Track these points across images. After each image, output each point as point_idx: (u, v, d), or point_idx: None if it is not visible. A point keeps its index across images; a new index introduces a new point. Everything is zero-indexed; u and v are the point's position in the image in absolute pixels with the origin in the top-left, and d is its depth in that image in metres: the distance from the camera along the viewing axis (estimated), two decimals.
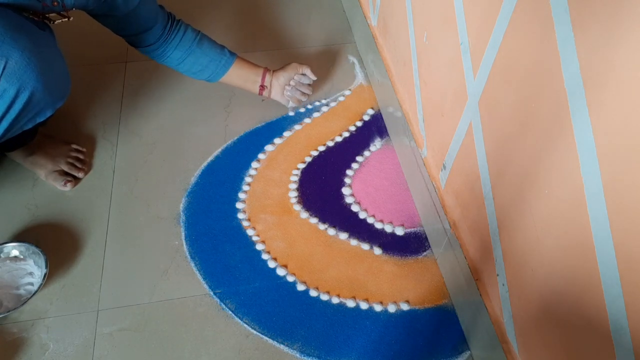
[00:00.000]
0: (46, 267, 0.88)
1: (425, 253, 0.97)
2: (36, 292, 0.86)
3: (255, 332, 0.86)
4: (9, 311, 0.84)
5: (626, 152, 0.46)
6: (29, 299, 0.85)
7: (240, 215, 1.00)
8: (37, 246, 0.90)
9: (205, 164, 1.08)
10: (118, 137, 1.12)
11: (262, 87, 1.11)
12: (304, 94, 1.14)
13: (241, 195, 1.03)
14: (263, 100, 1.17)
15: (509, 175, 0.67)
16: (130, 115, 1.16)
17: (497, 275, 0.74)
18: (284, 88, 1.13)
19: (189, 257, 0.94)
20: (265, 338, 0.85)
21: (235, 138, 1.13)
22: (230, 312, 0.88)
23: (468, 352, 0.85)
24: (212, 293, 0.90)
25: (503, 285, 0.73)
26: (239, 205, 1.02)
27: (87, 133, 1.12)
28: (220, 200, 1.02)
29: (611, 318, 0.51)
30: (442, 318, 0.88)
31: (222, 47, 1.06)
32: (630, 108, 0.44)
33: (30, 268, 0.89)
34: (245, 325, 0.86)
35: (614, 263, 0.49)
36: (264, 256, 0.95)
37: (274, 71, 1.11)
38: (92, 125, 1.14)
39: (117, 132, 1.13)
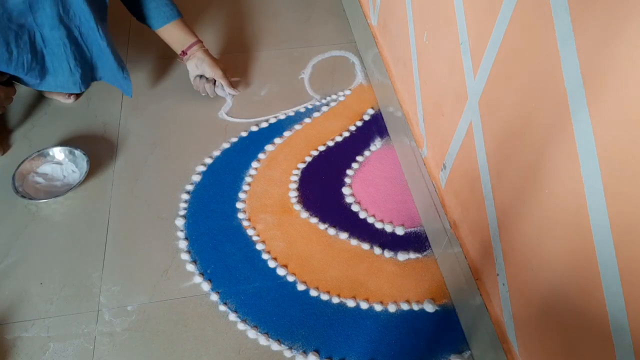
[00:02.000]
0: (87, 166, 1.02)
1: (425, 253, 0.97)
2: (78, 184, 1.00)
3: (255, 332, 0.86)
4: (56, 196, 0.98)
5: (626, 152, 0.46)
6: (72, 188, 0.99)
7: (240, 215, 1.00)
8: (81, 150, 1.04)
9: (205, 163, 1.08)
10: (118, 137, 1.12)
11: (184, 53, 1.14)
12: (206, 90, 1.17)
13: (241, 195, 1.03)
14: (180, 62, 1.20)
15: (509, 175, 0.67)
16: (130, 115, 1.16)
17: (498, 275, 0.74)
18: (195, 75, 1.15)
19: (189, 257, 0.94)
20: (266, 338, 0.85)
21: (236, 138, 1.13)
22: (230, 312, 0.88)
23: (468, 352, 0.85)
24: (212, 293, 0.90)
25: (503, 285, 0.73)
26: (239, 205, 1.02)
27: (87, 133, 1.12)
28: (220, 200, 1.02)
29: (611, 318, 0.51)
30: (442, 318, 0.89)
31: (173, 3, 1.09)
32: (630, 108, 0.44)
33: (74, 167, 1.04)
34: (246, 325, 0.86)
35: (614, 263, 0.49)
36: (264, 256, 0.95)
37: (205, 51, 1.14)
38: (92, 125, 1.14)
39: (117, 132, 1.13)
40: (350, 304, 0.90)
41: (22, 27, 0.91)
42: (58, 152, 1.05)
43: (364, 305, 0.89)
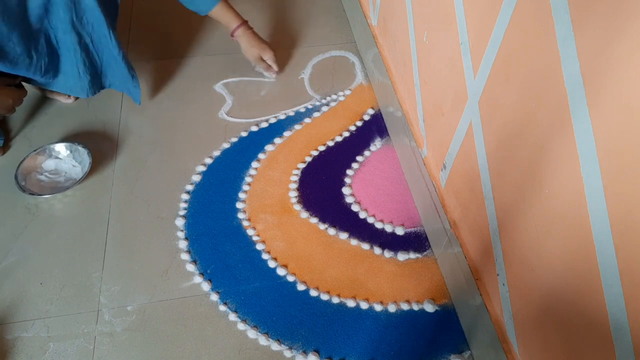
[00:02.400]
0: (89, 158, 1.03)
1: (425, 253, 0.97)
2: (83, 177, 1.01)
3: (255, 332, 0.86)
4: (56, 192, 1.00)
5: (626, 152, 0.46)
6: (78, 181, 1.00)
7: (240, 215, 1.00)
8: (81, 144, 1.05)
9: (205, 163, 1.08)
10: (118, 137, 1.12)
11: (232, 36, 1.19)
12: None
13: (241, 195, 1.03)
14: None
15: (509, 175, 0.67)
16: (130, 115, 1.16)
17: (497, 274, 0.74)
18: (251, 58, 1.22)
19: (189, 257, 0.94)
20: (266, 338, 0.85)
21: (236, 138, 1.13)
22: (230, 312, 0.88)
23: (468, 352, 0.85)
24: (212, 293, 0.90)
25: (503, 284, 0.73)
26: (239, 205, 1.02)
27: (87, 133, 1.12)
28: (220, 200, 1.02)
29: (611, 317, 0.51)
30: (442, 318, 0.88)
31: None
32: (630, 108, 0.44)
33: (74, 162, 1.05)
34: (246, 325, 0.86)
35: (614, 262, 0.49)
36: (264, 256, 0.95)
37: (247, 34, 1.18)
38: (92, 125, 1.14)
39: (117, 132, 1.13)
40: (350, 304, 0.90)
41: (39, 31, 0.93)
42: (59, 148, 1.06)
43: (364, 305, 0.89)
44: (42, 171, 1.04)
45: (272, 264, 0.94)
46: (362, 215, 1.01)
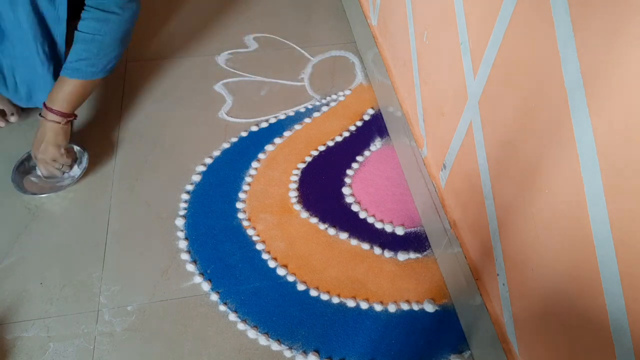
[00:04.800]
0: (86, 162, 1.03)
1: (425, 253, 0.97)
2: (80, 175, 1.02)
3: (255, 332, 0.86)
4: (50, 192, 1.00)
5: (626, 152, 0.46)
6: (75, 180, 1.01)
7: (240, 215, 1.00)
8: (74, 143, 1.05)
9: (205, 163, 1.08)
10: (118, 137, 1.12)
11: (46, 107, 0.98)
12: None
13: (241, 195, 1.03)
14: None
15: (509, 175, 0.67)
16: (130, 115, 1.16)
17: (497, 274, 0.74)
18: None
19: (189, 257, 0.94)
20: (266, 338, 0.85)
21: (236, 138, 1.13)
22: (230, 312, 0.88)
23: (468, 352, 0.85)
24: (212, 293, 0.90)
25: (503, 284, 0.73)
26: (239, 205, 1.02)
27: (87, 133, 1.12)
28: (220, 200, 1.02)
29: (611, 317, 0.51)
30: (442, 318, 0.89)
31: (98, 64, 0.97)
32: (630, 108, 0.44)
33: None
34: (246, 325, 0.86)
35: (614, 262, 0.49)
36: (264, 256, 0.95)
37: (66, 131, 1.00)
38: (92, 125, 1.14)
39: (117, 132, 1.13)
40: (350, 304, 0.90)
41: None
42: None
43: (364, 305, 0.89)
44: (37, 172, 1.03)
45: (272, 264, 0.94)
46: (362, 215, 1.01)
